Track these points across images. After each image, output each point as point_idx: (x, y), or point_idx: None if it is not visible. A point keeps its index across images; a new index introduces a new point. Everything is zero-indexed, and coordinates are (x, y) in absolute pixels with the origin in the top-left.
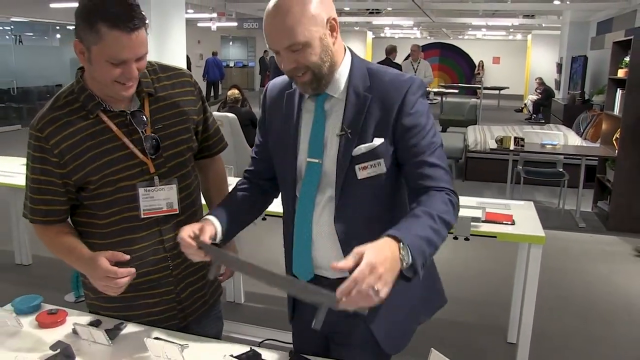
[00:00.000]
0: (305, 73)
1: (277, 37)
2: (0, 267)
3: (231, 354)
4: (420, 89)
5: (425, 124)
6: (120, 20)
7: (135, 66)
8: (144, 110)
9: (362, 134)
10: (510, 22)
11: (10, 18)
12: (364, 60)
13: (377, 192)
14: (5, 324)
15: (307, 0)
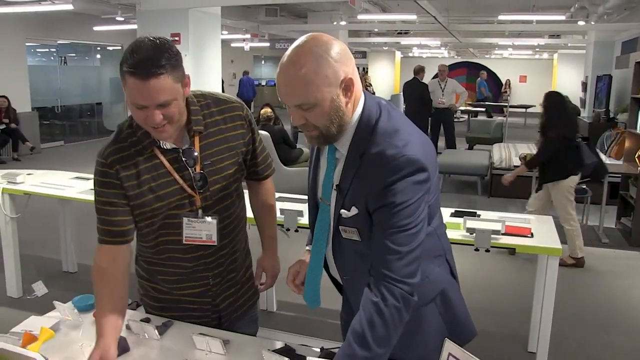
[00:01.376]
0: (314, 130)
1: (287, 93)
2: (48, 274)
3: (267, 349)
4: (404, 169)
5: (398, 204)
6: (138, 67)
7: (160, 112)
8: (195, 147)
9: (348, 197)
10: (536, 42)
11: (57, 41)
12: (379, 115)
13: (360, 251)
14: (69, 318)
15: (323, 58)
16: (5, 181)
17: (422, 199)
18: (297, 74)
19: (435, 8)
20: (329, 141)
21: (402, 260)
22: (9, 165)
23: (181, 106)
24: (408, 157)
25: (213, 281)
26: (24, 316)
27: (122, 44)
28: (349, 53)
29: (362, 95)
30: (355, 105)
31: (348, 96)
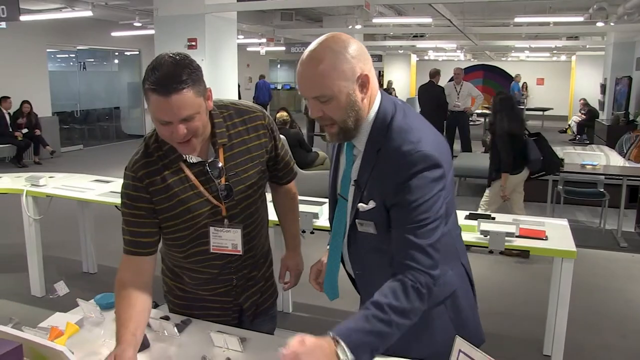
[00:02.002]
0: (332, 125)
1: (306, 86)
2: (69, 275)
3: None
4: (419, 165)
5: (414, 200)
6: (160, 84)
7: (184, 127)
8: (219, 159)
9: (365, 192)
10: (553, 44)
11: (76, 47)
12: (394, 112)
13: (377, 247)
14: (92, 315)
15: (341, 54)
16: (29, 184)
17: (439, 195)
18: (315, 67)
19: (451, 11)
20: (348, 136)
21: (424, 253)
22: (30, 169)
23: (204, 119)
24: (423, 153)
25: (237, 282)
26: (47, 314)
27: (139, 49)
28: (366, 52)
29: (378, 93)
30: (371, 103)
31: (364, 92)
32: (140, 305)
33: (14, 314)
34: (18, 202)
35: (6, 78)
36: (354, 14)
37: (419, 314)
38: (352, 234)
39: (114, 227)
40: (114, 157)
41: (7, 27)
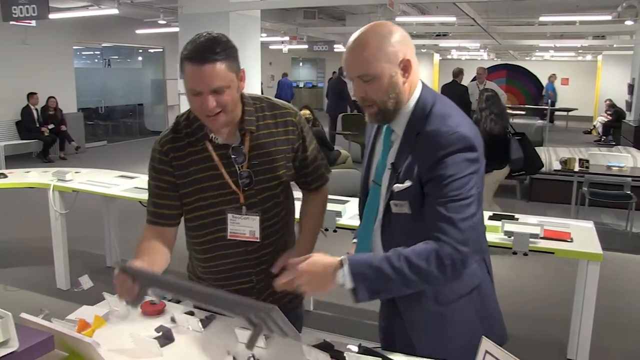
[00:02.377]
0: (371, 105)
1: (351, 66)
2: (93, 269)
3: (307, 344)
4: (455, 144)
5: (449, 176)
6: (195, 53)
7: (214, 99)
8: (244, 146)
9: (402, 173)
10: (579, 44)
11: (101, 44)
12: (432, 97)
13: (410, 229)
14: (118, 309)
15: (385, 38)
16: (56, 179)
17: (471, 176)
18: (361, 48)
19: (475, 10)
20: (386, 118)
21: (456, 228)
22: (56, 164)
23: (234, 97)
24: (461, 134)
25: (257, 278)
26: (72, 307)
27: (163, 46)
28: (410, 40)
29: (419, 82)
30: (412, 89)
31: (405, 76)
32: (158, 254)
33: (41, 306)
34: (45, 197)
35: (34, 75)
36: (377, 13)
37: (432, 282)
38: (386, 218)
39: (138, 222)
40: (137, 153)
41: (36, 25)
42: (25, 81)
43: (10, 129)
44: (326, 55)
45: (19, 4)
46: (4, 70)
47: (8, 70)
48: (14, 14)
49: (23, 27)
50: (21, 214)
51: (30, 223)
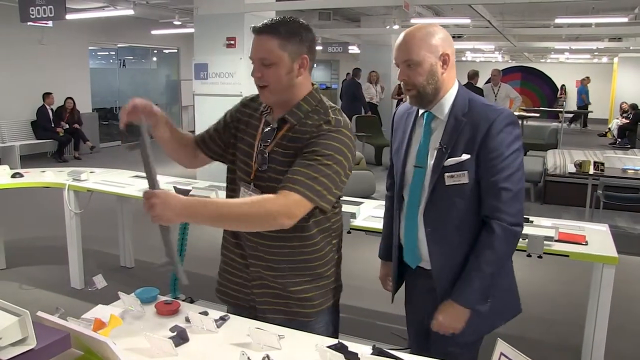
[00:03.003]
0: (412, 89)
1: (399, 52)
2: (107, 269)
3: (321, 345)
4: (506, 120)
5: (504, 150)
6: (260, 25)
7: (260, 71)
8: (279, 132)
9: (453, 150)
10: (595, 46)
11: (116, 44)
12: (469, 92)
13: (460, 200)
14: (132, 309)
15: (431, 33)
16: (71, 178)
17: (519, 151)
18: (409, 38)
19: (490, 12)
20: (424, 102)
21: (512, 197)
22: (70, 164)
23: (282, 77)
24: (509, 112)
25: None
26: (86, 306)
27: (178, 47)
28: (452, 42)
29: (456, 81)
30: (450, 82)
31: (444, 68)
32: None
33: (58, 305)
34: (60, 196)
35: (49, 75)
36: (391, 14)
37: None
38: (433, 194)
39: (152, 223)
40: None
41: (53, 25)
42: (41, 81)
43: (26, 128)
44: (340, 57)
45: (36, 4)
46: (21, 70)
47: (24, 70)
48: (31, 14)
49: (39, 27)
50: (36, 213)
51: (45, 222)
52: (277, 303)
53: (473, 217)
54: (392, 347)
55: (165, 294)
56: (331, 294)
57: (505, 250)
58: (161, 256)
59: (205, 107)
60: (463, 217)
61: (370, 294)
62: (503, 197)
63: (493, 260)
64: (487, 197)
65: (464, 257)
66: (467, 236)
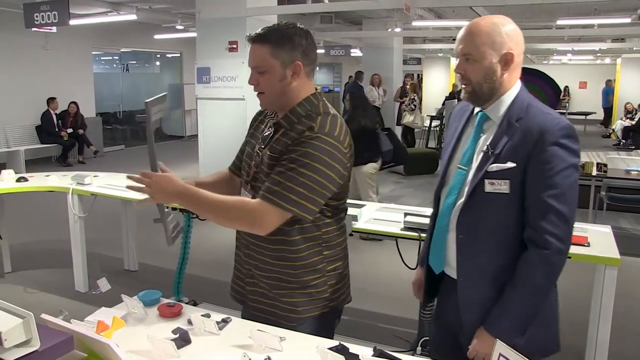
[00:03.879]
0: (468, 85)
1: (460, 43)
2: (111, 272)
3: (322, 347)
4: (563, 131)
5: (556, 165)
6: (254, 34)
7: (256, 78)
8: (274, 136)
9: (499, 155)
10: (597, 47)
11: (120, 49)
12: (531, 97)
13: (499, 211)
14: (135, 311)
15: (497, 27)
16: (75, 182)
17: (574, 168)
18: (473, 30)
19: (491, 14)
20: (477, 100)
21: (560, 219)
22: (74, 168)
23: (275, 84)
24: (567, 123)
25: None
26: (90, 309)
27: (180, 51)
28: (522, 39)
29: (519, 82)
30: (511, 83)
31: (504, 69)
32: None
33: (62, 307)
34: (64, 200)
35: (54, 80)
36: (393, 17)
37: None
38: (471, 199)
39: (155, 226)
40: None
41: (57, 31)
42: (45, 86)
43: (30, 133)
44: (343, 60)
45: (40, 10)
46: (25, 75)
47: (29, 76)
48: (35, 20)
49: (44, 33)
50: (41, 217)
51: (49, 226)
52: (264, 303)
53: (511, 232)
54: (395, 349)
55: (168, 297)
56: (319, 304)
57: (545, 281)
58: (165, 259)
59: (208, 111)
60: (499, 230)
61: (372, 296)
62: (549, 218)
63: (531, 292)
64: (531, 216)
65: (495, 274)
66: (502, 252)
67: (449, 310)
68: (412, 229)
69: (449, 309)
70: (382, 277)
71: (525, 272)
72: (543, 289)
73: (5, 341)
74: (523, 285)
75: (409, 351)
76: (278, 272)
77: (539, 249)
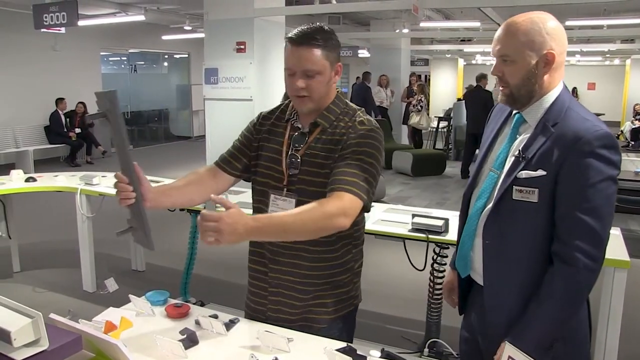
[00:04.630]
0: (505, 87)
1: (497, 43)
2: (119, 272)
3: (330, 348)
4: (601, 140)
5: (591, 176)
6: (297, 35)
7: (304, 81)
8: (311, 135)
9: (530, 162)
10: (607, 48)
11: (128, 50)
12: (572, 100)
13: (526, 220)
14: (143, 311)
15: (537, 25)
16: (83, 183)
17: (611, 181)
18: (511, 30)
19: (500, 15)
20: (515, 103)
21: (592, 235)
22: (82, 168)
23: (324, 85)
24: (606, 132)
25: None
26: (97, 309)
27: (188, 52)
28: (565, 37)
29: (561, 83)
30: (552, 84)
31: (546, 69)
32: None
33: (70, 307)
34: (72, 200)
35: (63, 80)
36: (401, 18)
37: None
38: (499, 204)
39: (164, 226)
40: (163, 157)
41: (65, 31)
42: (54, 87)
43: (39, 133)
44: (350, 61)
45: (49, 11)
46: (34, 76)
47: (38, 76)
48: (44, 21)
49: (52, 34)
50: (49, 217)
51: (57, 226)
52: (290, 313)
53: (539, 243)
54: (403, 350)
55: (176, 297)
56: (346, 303)
57: (572, 298)
58: (172, 259)
59: (215, 112)
60: (526, 240)
61: (381, 297)
62: (580, 233)
63: (556, 308)
64: (561, 230)
65: (522, 283)
66: (529, 262)
67: (475, 317)
68: (420, 231)
69: (475, 316)
70: (390, 278)
71: (550, 287)
72: (569, 306)
73: (14, 341)
74: (548, 300)
75: (416, 352)
76: (315, 276)
77: (566, 265)
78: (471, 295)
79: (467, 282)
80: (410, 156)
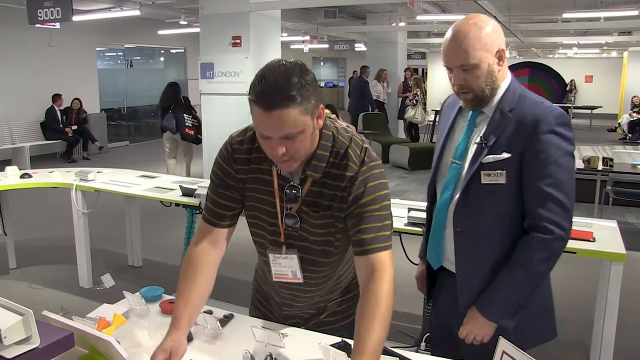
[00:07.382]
0: (468, 92)
1: (452, 57)
2: (115, 268)
3: (324, 343)
4: (557, 119)
5: (552, 153)
6: (263, 97)
7: (284, 146)
8: (303, 188)
9: (494, 146)
10: (604, 40)
11: (124, 45)
12: (522, 88)
13: (495, 202)
14: (137, 308)
15: (483, 29)
16: (78, 178)
17: (570, 156)
18: (462, 40)
19: (496, 7)
20: (481, 104)
21: (558, 206)
22: (79, 164)
23: (308, 140)
24: (561, 111)
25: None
26: (94, 305)
27: (184, 46)
28: (501, 30)
29: (509, 75)
30: (503, 76)
31: (500, 65)
32: (203, 287)
33: (64, 304)
34: (68, 196)
35: (58, 76)
36: (397, 11)
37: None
38: (467, 192)
39: (159, 222)
40: (159, 153)
41: (60, 27)
42: (49, 82)
43: (35, 129)
44: (347, 55)
45: (43, 7)
46: (30, 71)
47: (33, 72)
48: (39, 16)
49: (47, 29)
50: (45, 213)
51: (53, 222)
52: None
53: (509, 223)
54: (399, 345)
55: (171, 293)
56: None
57: (542, 267)
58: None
59: (212, 106)
60: (497, 222)
61: None
62: (547, 206)
63: (527, 276)
64: (530, 205)
65: (494, 266)
66: (501, 244)
67: (445, 303)
68: (416, 224)
69: (445, 302)
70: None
71: (523, 256)
72: (539, 274)
73: (4, 338)
74: (519, 268)
75: (412, 347)
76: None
77: (541, 234)
78: (440, 281)
79: (434, 270)
80: (407, 150)
